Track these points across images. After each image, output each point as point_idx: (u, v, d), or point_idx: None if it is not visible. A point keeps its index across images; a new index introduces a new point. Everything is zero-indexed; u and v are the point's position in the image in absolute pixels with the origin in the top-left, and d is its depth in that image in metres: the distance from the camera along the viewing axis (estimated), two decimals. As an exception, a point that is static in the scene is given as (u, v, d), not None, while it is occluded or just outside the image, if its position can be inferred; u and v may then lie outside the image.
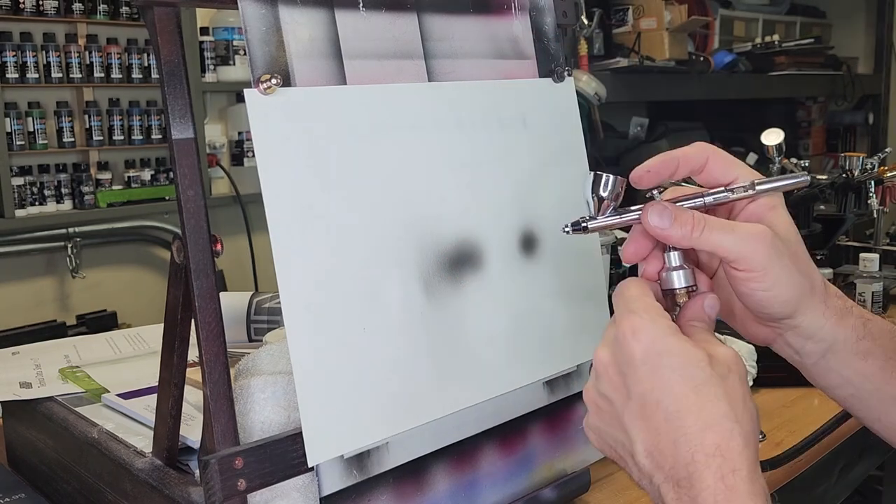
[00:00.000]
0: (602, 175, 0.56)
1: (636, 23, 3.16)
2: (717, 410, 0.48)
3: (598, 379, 0.53)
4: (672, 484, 0.48)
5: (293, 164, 0.59)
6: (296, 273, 0.58)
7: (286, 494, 0.59)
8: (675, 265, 0.56)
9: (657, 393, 0.49)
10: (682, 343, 0.50)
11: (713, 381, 0.49)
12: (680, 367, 0.49)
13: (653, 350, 0.50)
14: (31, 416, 0.85)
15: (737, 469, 0.47)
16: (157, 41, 0.56)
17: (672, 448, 0.48)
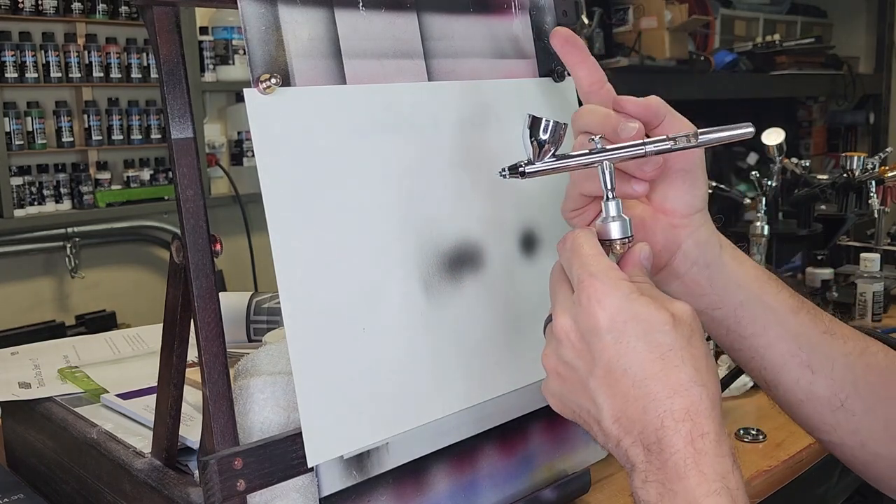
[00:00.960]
0: (542, 119, 0.55)
1: (636, 22, 3.16)
2: (684, 375, 0.48)
3: (560, 345, 0.53)
4: (642, 448, 0.48)
5: (293, 164, 0.59)
6: (295, 273, 0.58)
7: (286, 495, 0.59)
8: (613, 214, 0.55)
9: (623, 360, 0.49)
10: (645, 307, 0.50)
11: (678, 345, 0.49)
12: (645, 334, 0.49)
13: (618, 318, 0.50)
14: (30, 416, 0.85)
15: (706, 433, 0.47)
16: (157, 41, 0.56)
17: (641, 414, 0.49)
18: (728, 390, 1.06)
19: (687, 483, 0.46)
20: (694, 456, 0.47)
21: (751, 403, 1.05)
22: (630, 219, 0.56)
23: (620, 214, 0.55)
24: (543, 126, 0.54)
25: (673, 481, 0.47)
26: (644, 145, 0.56)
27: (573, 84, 0.79)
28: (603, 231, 0.56)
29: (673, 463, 0.47)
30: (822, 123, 4.54)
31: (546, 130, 0.54)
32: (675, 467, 0.47)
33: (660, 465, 0.47)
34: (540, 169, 0.56)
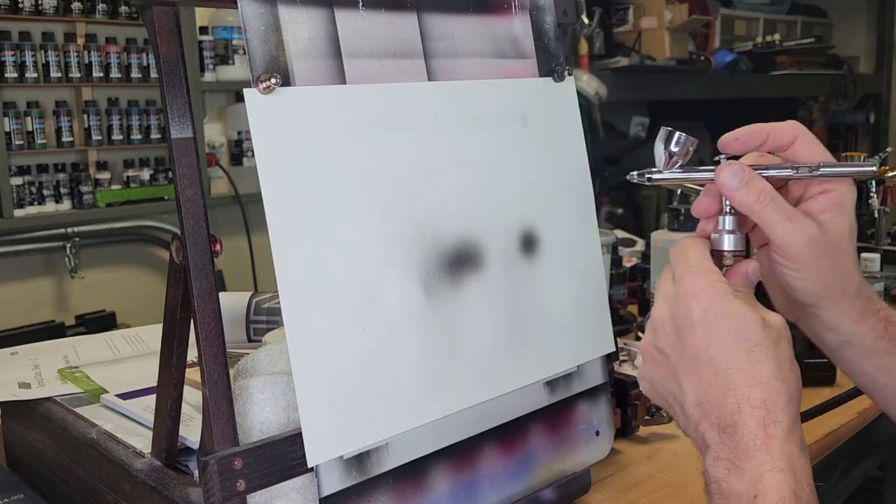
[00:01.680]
0: (675, 132, 0.59)
1: (637, 22, 3.16)
2: (766, 370, 0.52)
3: (656, 334, 0.58)
4: (717, 430, 0.53)
5: (293, 164, 0.59)
6: (295, 273, 0.58)
7: (286, 495, 0.59)
8: (728, 229, 0.59)
9: (711, 351, 0.54)
10: (738, 307, 0.54)
11: (765, 344, 0.53)
12: (735, 329, 0.53)
13: (711, 312, 0.54)
14: (30, 416, 0.85)
15: (778, 421, 0.51)
16: (156, 40, 0.56)
17: (720, 400, 0.53)
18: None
19: (754, 461, 0.50)
20: (764, 439, 0.51)
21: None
22: (745, 235, 0.60)
23: (735, 229, 0.59)
24: (676, 139, 0.59)
25: (742, 459, 0.51)
26: (767, 167, 0.59)
27: (573, 84, 0.79)
28: (717, 242, 0.60)
29: (744, 444, 0.51)
30: (823, 123, 4.54)
31: (677, 144, 0.59)
32: (745, 447, 0.51)
33: (731, 444, 0.52)
34: (666, 178, 0.61)
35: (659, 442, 0.94)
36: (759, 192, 0.57)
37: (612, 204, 3.25)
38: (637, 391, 0.91)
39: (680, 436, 0.95)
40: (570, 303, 0.76)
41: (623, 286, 1.46)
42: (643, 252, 1.73)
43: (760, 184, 0.57)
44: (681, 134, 0.59)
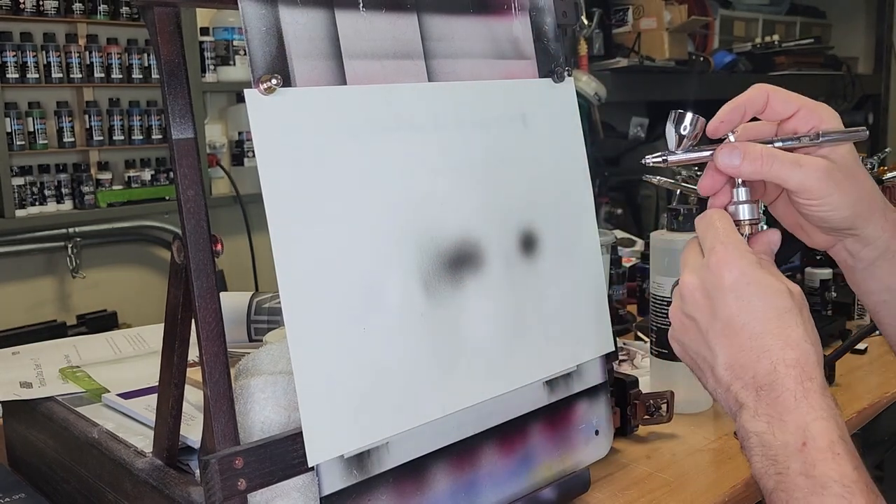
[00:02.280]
0: (685, 113, 0.62)
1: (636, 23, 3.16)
2: (797, 334, 0.56)
3: (684, 301, 0.61)
4: (753, 390, 0.56)
5: (293, 164, 0.59)
6: (296, 273, 0.58)
7: (286, 494, 0.59)
8: (743, 199, 0.63)
9: (743, 316, 0.57)
10: (767, 276, 0.58)
11: (794, 311, 0.57)
12: (766, 297, 0.57)
13: (742, 280, 0.58)
14: (32, 415, 0.85)
15: (813, 378, 0.54)
16: (157, 41, 0.56)
17: (754, 362, 0.56)
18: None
19: (797, 413, 0.53)
20: (803, 393, 0.54)
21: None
22: (758, 202, 0.64)
23: (749, 199, 0.63)
24: (687, 120, 0.62)
25: (783, 413, 0.54)
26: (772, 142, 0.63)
27: (572, 84, 0.80)
28: (734, 213, 0.63)
29: (784, 399, 0.54)
30: (822, 124, 4.52)
31: (688, 125, 0.62)
32: (785, 402, 0.54)
33: (770, 401, 0.55)
34: (681, 158, 0.64)
35: (658, 441, 0.94)
36: (760, 156, 0.61)
37: (611, 204, 3.25)
38: (636, 390, 0.91)
39: (679, 435, 0.96)
40: (570, 302, 0.76)
41: (622, 286, 1.46)
42: (642, 252, 1.73)
43: (757, 149, 0.61)
44: (690, 114, 0.62)
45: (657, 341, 1.03)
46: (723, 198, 0.65)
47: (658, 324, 1.02)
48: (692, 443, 0.94)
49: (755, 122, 0.65)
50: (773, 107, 0.65)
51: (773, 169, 0.61)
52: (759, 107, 0.65)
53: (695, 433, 0.97)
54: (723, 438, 0.95)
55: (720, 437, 0.95)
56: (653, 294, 1.03)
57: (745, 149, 0.61)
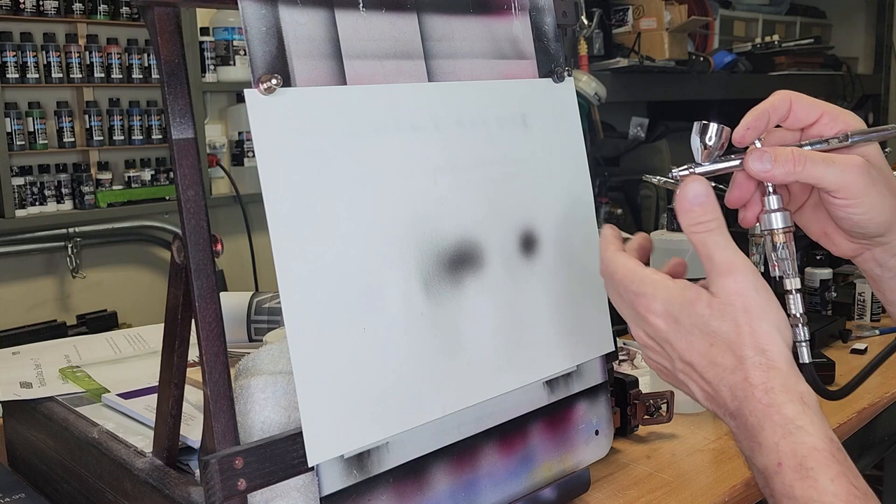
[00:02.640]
0: (709, 124, 0.61)
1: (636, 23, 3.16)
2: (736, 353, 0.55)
3: (647, 350, 0.61)
4: (730, 417, 0.56)
5: (293, 164, 0.59)
6: (296, 273, 0.58)
7: (286, 494, 0.59)
8: (775, 207, 0.62)
9: (690, 355, 0.57)
10: (682, 296, 0.57)
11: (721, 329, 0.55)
12: (693, 328, 0.56)
13: (670, 319, 0.57)
14: (32, 415, 0.85)
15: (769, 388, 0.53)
16: (158, 41, 0.56)
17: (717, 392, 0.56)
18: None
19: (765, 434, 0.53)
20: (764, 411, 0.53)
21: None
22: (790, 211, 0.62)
23: (781, 206, 0.62)
24: (711, 131, 0.61)
25: (755, 436, 0.53)
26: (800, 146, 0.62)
27: (572, 84, 0.80)
28: (766, 222, 0.62)
29: (751, 423, 0.53)
30: (822, 124, 4.52)
31: (713, 136, 0.61)
32: (753, 426, 0.53)
33: (743, 426, 0.54)
34: (707, 169, 0.62)
35: (658, 441, 0.94)
36: (791, 159, 0.59)
37: (611, 204, 3.25)
38: (636, 390, 0.91)
39: (679, 435, 0.96)
40: (570, 302, 0.76)
41: (623, 286, 1.46)
42: (643, 252, 1.73)
43: (787, 151, 0.59)
44: (714, 125, 0.61)
45: (657, 341, 1.03)
46: (753, 209, 0.63)
47: (658, 324, 1.02)
48: (692, 443, 0.94)
49: (778, 130, 0.64)
50: (797, 113, 0.63)
51: (806, 169, 0.59)
52: (782, 113, 0.63)
53: (695, 433, 0.97)
54: (723, 438, 0.95)
55: (720, 437, 0.96)
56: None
57: (775, 152, 0.59)
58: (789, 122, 0.64)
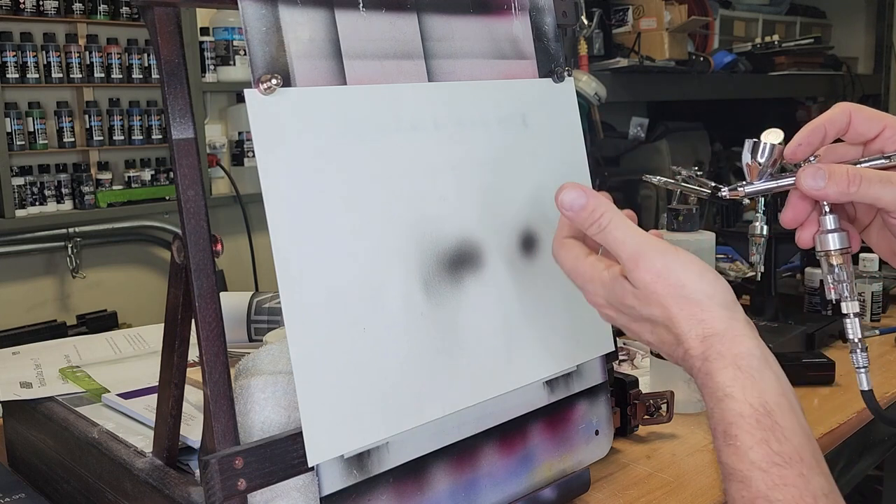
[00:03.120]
0: (759, 142, 0.59)
1: (636, 23, 3.16)
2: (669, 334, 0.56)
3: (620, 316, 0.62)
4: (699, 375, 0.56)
5: (293, 164, 0.59)
6: (296, 273, 0.58)
7: (286, 494, 0.59)
8: (831, 228, 0.60)
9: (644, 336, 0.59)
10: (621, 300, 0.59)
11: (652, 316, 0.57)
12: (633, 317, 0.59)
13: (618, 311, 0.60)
14: (32, 415, 0.85)
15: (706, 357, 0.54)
16: (158, 41, 0.56)
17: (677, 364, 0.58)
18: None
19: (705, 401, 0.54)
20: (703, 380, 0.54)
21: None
22: (847, 231, 0.60)
23: (838, 227, 0.60)
24: (761, 149, 0.60)
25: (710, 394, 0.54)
26: (859, 163, 0.59)
27: (572, 84, 0.80)
28: (822, 242, 0.60)
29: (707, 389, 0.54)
30: (822, 124, 4.52)
31: (763, 154, 0.60)
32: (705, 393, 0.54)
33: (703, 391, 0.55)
34: (757, 189, 0.61)
35: (658, 441, 0.94)
36: (846, 177, 0.56)
37: (611, 204, 3.24)
38: (636, 390, 0.91)
39: (679, 435, 0.96)
40: (570, 302, 0.76)
41: (623, 286, 1.46)
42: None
43: (842, 169, 0.57)
44: (765, 143, 0.59)
45: (657, 341, 1.03)
46: (809, 229, 0.61)
47: (658, 324, 1.02)
48: (692, 443, 0.94)
49: (838, 144, 0.61)
50: (856, 127, 0.60)
51: (861, 189, 0.56)
52: (841, 127, 0.60)
53: (695, 433, 0.97)
54: (723, 438, 0.95)
55: (720, 437, 0.95)
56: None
57: (829, 169, 0.57)
58: (850, 137, 0.61)
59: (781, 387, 0.53)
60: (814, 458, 0.50)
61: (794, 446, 0.50)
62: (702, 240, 1.01)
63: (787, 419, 0.51)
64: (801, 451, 0.50)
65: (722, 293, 0.56)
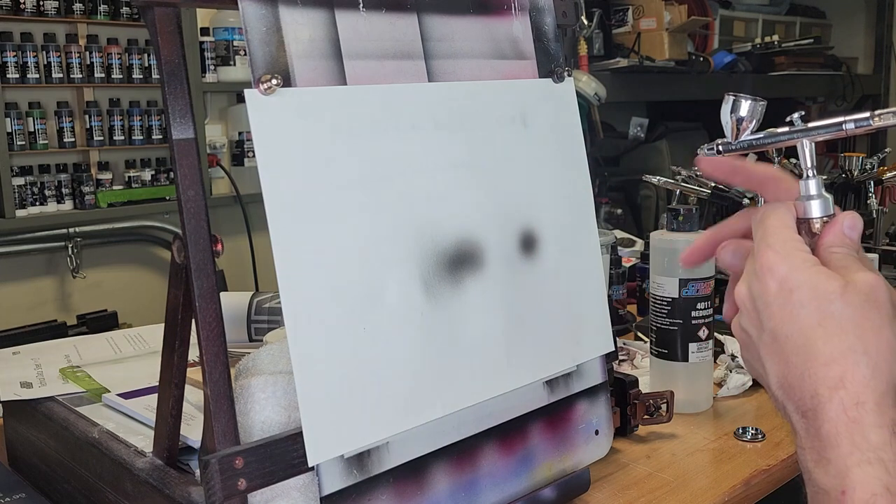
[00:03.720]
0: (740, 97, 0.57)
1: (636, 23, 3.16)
2: (843, 343, 0.48)
3: (740, 313, 0.55)
4: (800, 415, 0.49)
5: (293, 165, 0.59)
6: (296, 273, 0.58)
7: (286, 494, 0.59)
8: (812, 193, 0.55)
9: (786, 327, 0.50)
10: (815, 276, 0.50)
11: (844, 314, 0.49)
12: (808, 301, 0.50)
13: (786, 286, 0.51)
14: (32, 415, 0.85)
15: (861, 401, 0.47)
16: (158, 41, 0.57)
17: (799, 381, 0.49)
18: (726, 389, 1.06)
19: (839, 451, 0.47)
20: (847, 424, 0.47)
21: (750, 403, 1.05)
22: (832, 196, 0.55)
23: (821, 192, 0.55)
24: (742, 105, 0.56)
25: (826, 449, 0.47)
26: (843, 123, 0.55)
27: (572, 85, 0.80)
28: (802, 209, 0.55)
29: (826, 431, 0.47)
30: (822, 124, 4.52)
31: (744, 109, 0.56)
32: (827, 436, 0.47)
33: (814, 432, 0.48)
34: (736, 148, 0.58)
35: (658, 441, 0.94)
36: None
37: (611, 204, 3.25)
38: (636, 390, 0.91)
39: (679, 435, 0.96)
40: (570, 302, 0.77)
41: (622, 286, 1.46)
42: (642, 252, 1.73)
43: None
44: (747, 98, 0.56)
45: (657, 341, 1.03)
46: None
47: (658, 324, 1.02)
48: (692, 443, 0.94)
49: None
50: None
51: None
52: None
53: (695, 433, 0.97)
54: (723, 438, 0.95)
55: (720, 437, 0.96)
56: (652, 294, 1.03)
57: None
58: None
59: None
60: None
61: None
62: (702, 240, 1.01)
63: None
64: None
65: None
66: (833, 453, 0.47)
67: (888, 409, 0.47)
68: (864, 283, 0.50)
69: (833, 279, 0.50)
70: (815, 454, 0.48)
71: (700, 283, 0.99)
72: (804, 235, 0.55)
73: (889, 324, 0.49)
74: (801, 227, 0.55)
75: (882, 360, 0.48)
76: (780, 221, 0.54)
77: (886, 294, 0.50)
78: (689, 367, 1.01)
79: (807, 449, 0.49)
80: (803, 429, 0.49)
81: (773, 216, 0.54)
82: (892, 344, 0.49)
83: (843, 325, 0.49)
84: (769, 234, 0.53)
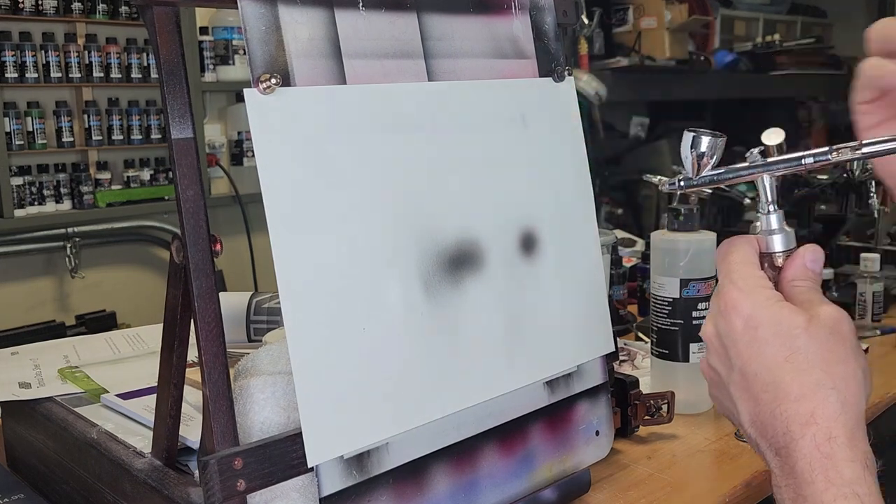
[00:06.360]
0: (700, 133, 0.56)
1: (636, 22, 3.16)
2: (811, 378, 0.48)
3: (708, 351, 0.55)
4: (773, 453, 0.50)
5: (293, 164, 0.59)
6: (295, 273, 0.58)
7: (286, 495, 0.59)
8: (775, 227, 0.55)
9: (754, 365, 0.51)
10: (779, 312, 0.51)
11: (810, 348, 0.49)
12: (773, 338, 0.50)
13: (751, 324, 0.51)
14: (31, 416, 0.85)
15: (833, 436, 0.47)
16: (157, 41, 0.56)
17: (770, 418, 0.50)
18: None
19: (814, 488, 0.47)
20: (821, 460, 0.47)
21: (751, 403, 1.05)
22: (793, 230, 0.56)
23: (782, 227, 0.56)
24: (702, 141, 0.56)
25: (801, 486, 0.47)
26: (802, 158, 0.55)
27: (573, 84, 0.80)
28: (764, 244, 0.56)
29: (800, 468, 0.47)
30: (823, 123, 4.54)
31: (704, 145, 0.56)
32: (801, 473, 0.47)
33: (789, 470, 0.48)
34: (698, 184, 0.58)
35: (659, 442, 0.94)
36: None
37: (612, 204, 3.25)
38: (637, 391, 0.91)
39: (680, 435, 0.96)
40: (570, 303, 0.76)
41: (623, 286, 1.46)
42: (643, 252, 1.73)
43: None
44: (707, 135, 0.56)
45: (657, 341, 1.03)
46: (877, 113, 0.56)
47: (658, 324, 1.02)
48: (693, 443, 0.94)
49: None
50: None
51: None
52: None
53: (695, 434, 0.96)
54: (723, 439, 0.95)
55: (721, 438, 0.95)
56: (653, 294, 1.02)
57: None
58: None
59: None
60: None
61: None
62: (702, 240, 1.00)
63: None
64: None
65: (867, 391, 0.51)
66: (809, 490, 0.47)
67: (860, 443, 0.48)
68: (827, 316, 0.50)
69: (797, 314, 0.50)
70: (792, 492, 0.48)
71: (701, 283, 0.99)
72: (767, 269, 0.55)
73: (854, 356, 0.50)
74: (763, 261, 0.56)
75: (850, 394, 0.49)
76: (742, 257, 0.54)
77: (849, 326, 0.51)
78: (690, 368, 1.00)
79: (783, 487, 0.49)
80: (778, 467, 0.49)
81: (735, 252, 0.55)
82: (858, 377, 0.50)
83: (809, 359, 0.49)
84: (732, 270, 0.54)
